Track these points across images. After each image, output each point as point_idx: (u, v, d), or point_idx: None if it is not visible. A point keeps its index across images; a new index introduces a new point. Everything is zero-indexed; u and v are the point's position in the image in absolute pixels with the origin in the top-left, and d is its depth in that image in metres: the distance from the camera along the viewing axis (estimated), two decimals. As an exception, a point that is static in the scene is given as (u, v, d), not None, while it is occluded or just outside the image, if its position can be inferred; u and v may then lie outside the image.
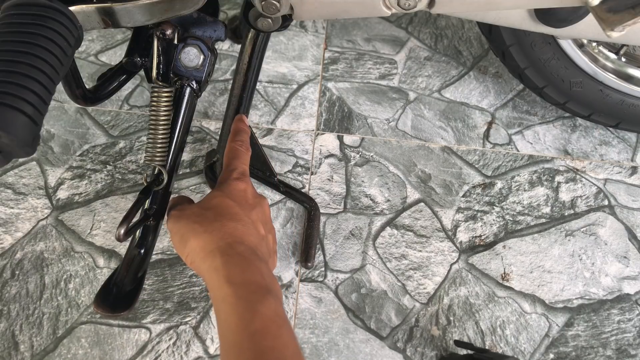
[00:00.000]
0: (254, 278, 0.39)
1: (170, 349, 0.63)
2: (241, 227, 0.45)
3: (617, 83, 0.71)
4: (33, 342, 0.63)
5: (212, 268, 0.41)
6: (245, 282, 0.39)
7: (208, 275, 0.41)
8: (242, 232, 0.44)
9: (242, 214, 0.46)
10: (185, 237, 0.45)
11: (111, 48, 0.91)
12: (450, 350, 0.64)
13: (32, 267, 0.68)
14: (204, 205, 0.48)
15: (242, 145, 0.56)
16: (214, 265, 0.40)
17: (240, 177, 0.51)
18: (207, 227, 0.44)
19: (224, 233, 0.43)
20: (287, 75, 0.88)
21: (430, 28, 0.97)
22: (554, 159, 0.81)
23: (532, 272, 0.70)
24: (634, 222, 0.75)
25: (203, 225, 0.44)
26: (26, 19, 0.30)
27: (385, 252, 0.71)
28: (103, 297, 0.55)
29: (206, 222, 0.45)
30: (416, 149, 0.81)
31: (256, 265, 0.41)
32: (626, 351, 0.65)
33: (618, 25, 0.36)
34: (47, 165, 0.76)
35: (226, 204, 0.47)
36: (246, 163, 0.54)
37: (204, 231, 0.44)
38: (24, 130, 0.28)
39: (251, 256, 0.42)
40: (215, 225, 0.44)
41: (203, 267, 0.42)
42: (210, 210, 0.47)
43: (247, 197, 0.49)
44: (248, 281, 0.39)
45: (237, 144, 0.55)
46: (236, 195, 0.49)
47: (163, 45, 0.49)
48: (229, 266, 0.40)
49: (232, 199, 0.48)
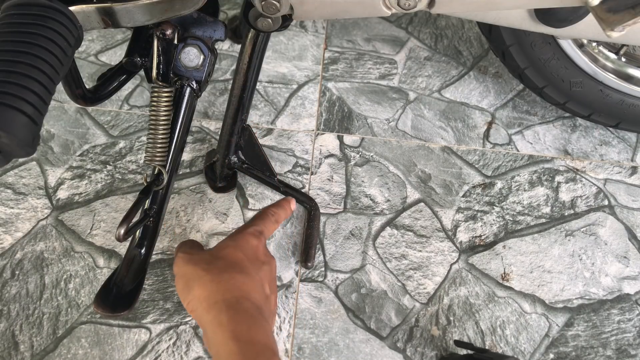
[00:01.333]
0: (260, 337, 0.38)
1: (170, 349, 0.63)
2: (250, 282, 0.43)
3: (617, 83, 0.71)
4: (33, 342, 0.63)
5: (216, 321, 0.39)
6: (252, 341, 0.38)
7: (211, 329, 0.40)
8: (250, 288, 0.43)
9: (251, 269, 0.45)
10: (190, 283, 0.43)
11: (111, 48, 0.91)
12: (450, 350, 0.64)
13: (32, 267, 0.68)
14: (214, 254, 0.46)
15: (274, 215, 0.55)
16: (219, 319, 0.39)
17: (257, 234, 0.50)
18: (215, 277, 0.43)
19: (231, 285, 0.42)
20: (287, 75, 0.88)
21: (430, 28, 0.97)
22: (554, 159, 0.81)
23: (532, 272, 0.70)
24: (634, 222, 0.75)
25: (211, 273, 0.43)
26: (26, 19, 0.30)
27: (385, 252, 0.71)
28: (103, 297, 0.55)
29: (215, 270, 0.44)
30: (416, 149, 0.81)
31: (261, 324, 0.40)
32: (626, 351, 0.65)
33: (618, 25, 0.36)
34: (47, 165, 0.76)
35: (237, 256, 0.46)
36: (269, 229, 0.54)
37: (211, 280, 0.42)
38: (24, 130, 0.28)
39: (257, 314, 0.40)
40: (223, 276, 0.43)
41: (206, 319, 0.40)
42: (220, 259, 0.45)
43: (258, 254, 0.48)
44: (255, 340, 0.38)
45: (271, 212, 0.55)
46: (248, 249, 0.48)
47: (163, 45, 0.49)
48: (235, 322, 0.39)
49: (243, 252, 0.47)
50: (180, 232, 0.71)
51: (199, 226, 0.72)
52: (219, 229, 0.71)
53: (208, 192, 0.74)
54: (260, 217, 0.54)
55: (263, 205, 0.74)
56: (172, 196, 0.73)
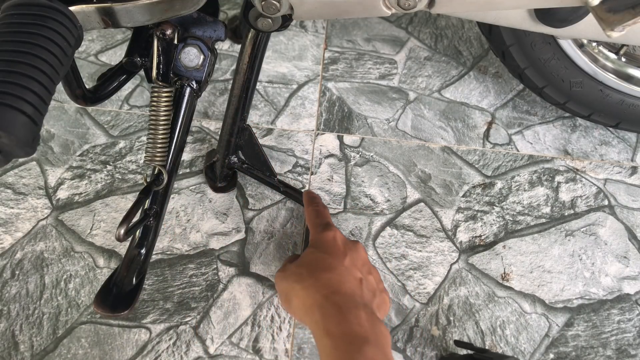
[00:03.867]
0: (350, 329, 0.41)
1: (170, 349, 0.63)
2: (336, 277, 0.47)
3: (617, 83, 0.71)
4: (33, 342, 0.63)
5: (313, 322, 0.43)
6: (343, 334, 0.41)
7: (312, 329, 0.44)
8: (337, 281, 0.46)
9: (335, 263, 0.49)
10: (288, 296, 0.48)
11: (111, 48, 0.91)
12: (450, 350, 0.64)
13: (32, 267, 0.68)
14: (300, 263, 0.51)
15: (317, 205, 0.61)
16: (315, 319, 0.43)
17: (326, 227, 0.54)
18: (304, 284, 0.47)
19: (318, 287, 0.46)
20: (287, 75, 0.88)
21: (430, 28, 0.97)
22: (554, 159, 0.81)
23: (532, 272, 0.70)
24: (634, 222, 0.75)
25: (300, 282, 0.47)
26: (26, 19, 0.30)
27: (385, 252, 0.71)
28: (103, 297, 0.55)
29: (302, 279, 0.48)
30: (416, 149, 0.81)
31: (353, 314, 0.42)
32: (626, 351, 0.65)
33: (618, 25, 0.36)
34: (47, 165, 0.76)
35: (318, 257, 0.50)
36: (328, 217, 0.58)
37: (302, 288, 0.47)
38: (24, 130, 0.28)
39: (348, 304, 0.44)
40: (310, 281, 0.47)
41: (307, 322, 0.45)
42: (304, 267, 0.49)
43: (338, 245, 0.52)
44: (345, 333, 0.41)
45: (314, 206, 0.61)
46: (326, 246, 0.51)
47: (163, 45, 0.49)
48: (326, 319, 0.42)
49: (323, 251, 0.51)
50: (180, 232, 0.71)
51: (199, 226, 0.72)
52: (219, 229, 0.71)
53: (208, 192, 0.74)
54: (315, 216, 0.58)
55: (263, 205, 0.74)
56: (172, 196, 0.73)
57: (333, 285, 0.45)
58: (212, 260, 0.69)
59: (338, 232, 0.54)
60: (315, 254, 0.50)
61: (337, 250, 0.51)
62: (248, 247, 0.70)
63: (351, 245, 0.53)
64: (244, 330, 0.65)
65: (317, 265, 0.48)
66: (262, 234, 0.71)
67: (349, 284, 0.46)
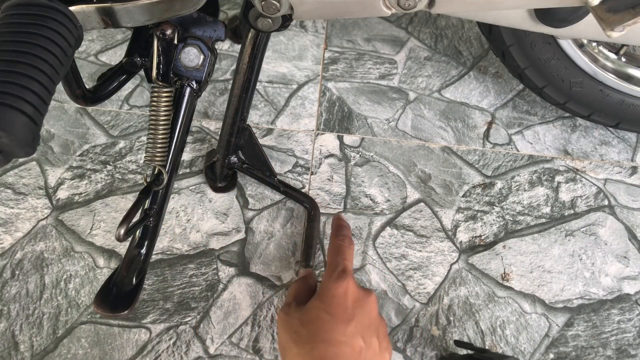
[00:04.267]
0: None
1: (170, 349, 0.63)
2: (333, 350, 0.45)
3: (617, 83, 0.71)
4: (33, 342, 0.63)
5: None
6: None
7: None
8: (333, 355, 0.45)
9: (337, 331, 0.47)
10: (285, 350, 0.48)
11: (111, 48, 0.91)
12: (450, 350, 0.64)
13: (32, 267, 0.68)
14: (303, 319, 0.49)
15: (344, 240, 0.57)
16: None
17: (342, 275, 0.51)
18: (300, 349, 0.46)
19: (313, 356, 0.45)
20: (287, 75, 0.88)
21: (430, 28, 0.97)
22: (554, 159, 0.81)
23: (532, 272, 0.70)
24: (634, 222, 0.75)
25: (297, 344, 0.46)
26: (26, 19, 0.30)
27: (385, 252, 0.71)
28: (103, 297, 0.55)
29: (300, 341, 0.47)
30: (416, 149, 0.81)
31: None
32: (626, 351, 0.65)
33: (618, 25, 0.36)
34: (47, 165, 0.76)
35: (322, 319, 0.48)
36: (350, 259, 0.55)
37: (297, 354, 0.46)
38: (24, 130, 0.28)
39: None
40: (306, 347, 0.46)
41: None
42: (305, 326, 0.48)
43: (346, 305, 0.49)
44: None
45: (340, 240, 0.57)
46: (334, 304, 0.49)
47: (163, 45, 0.49)
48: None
49: (329, 311, 0.48)
50: (180, 232, 0.71)
51: (199, 226, 0.72)
52: (219, 229, 0.71)
53: (208, 192, 0.74)
54: (337, 253, 0.55)
55: (263, 205, 0.74)
56: (172, 196, 0.73)
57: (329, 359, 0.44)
58: (212, 260, 0.69)
59: (352, 282, 0.51)
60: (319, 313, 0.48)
61: (343, 312, 0.48)
62: (248, 247, 0.70)
63: (362, 301, 0.50)
64: (244, 330, 0.65)
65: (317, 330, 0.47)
66: (262, 234, 0.71)
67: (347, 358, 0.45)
